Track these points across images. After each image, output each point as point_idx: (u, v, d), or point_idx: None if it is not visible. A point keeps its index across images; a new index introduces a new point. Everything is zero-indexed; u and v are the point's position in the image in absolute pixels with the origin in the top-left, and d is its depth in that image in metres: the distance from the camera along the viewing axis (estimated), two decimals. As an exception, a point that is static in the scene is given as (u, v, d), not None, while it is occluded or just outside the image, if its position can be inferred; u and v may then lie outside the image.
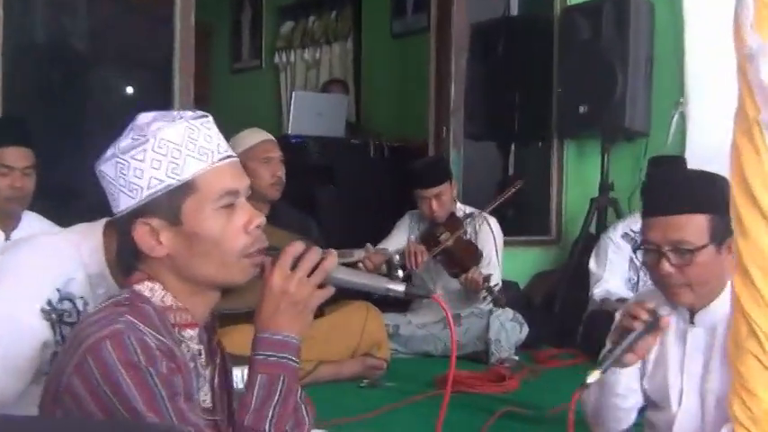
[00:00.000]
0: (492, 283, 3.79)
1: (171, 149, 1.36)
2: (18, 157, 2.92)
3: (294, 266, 1.42)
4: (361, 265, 3.54)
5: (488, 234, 4.10)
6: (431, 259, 4.05)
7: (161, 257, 1.39)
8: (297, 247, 1.44)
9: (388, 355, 3.65)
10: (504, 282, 4.38)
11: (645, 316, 1.78)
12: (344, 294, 3.53)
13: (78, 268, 1.69)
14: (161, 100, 3.92)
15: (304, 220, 3.75)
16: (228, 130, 3.64)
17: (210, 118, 1.44)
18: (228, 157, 1.42)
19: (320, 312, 3.56)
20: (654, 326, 1.79)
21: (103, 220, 1.70)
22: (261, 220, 1.42)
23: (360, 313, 3.58)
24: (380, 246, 3.99)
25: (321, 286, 1.44)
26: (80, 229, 1.77)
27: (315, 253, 1.43)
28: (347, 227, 4.91)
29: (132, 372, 1.26)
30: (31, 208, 3.13)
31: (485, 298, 3.84)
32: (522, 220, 5.49)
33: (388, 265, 3.64)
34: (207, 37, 8.12)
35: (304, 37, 7.42)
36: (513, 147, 5.70)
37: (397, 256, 3.71)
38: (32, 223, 3.02)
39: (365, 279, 1.46)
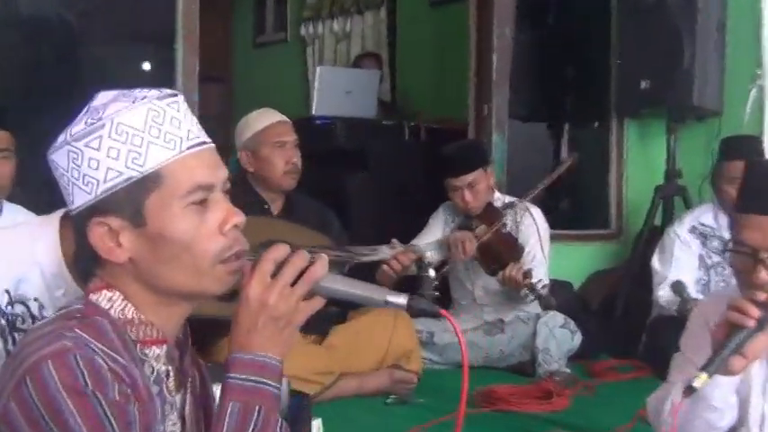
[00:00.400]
0: (535, 280, 3.70)
1: (131, 136, 1.30)
2: None
3: (276, 274, 1.33)
4: (385, 265, 3.44)
5: (531, 226, 4.04)
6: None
7: (122, 263, 1.33)
8: (279, 250, 1.35)
9: (420, 367, 3.61)
10: (555, 282, 4.34)
11: (756, 312, 1.69)
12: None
13: (31, 267, 1.62)
14: (162, 80, 3.85)
15: (323, 213, 3.71)
16: (251, 110, 3.66)
17: (180, 98, 1.36)
18: (201, 143, 1.34)
19: (342, 318, 3.52)
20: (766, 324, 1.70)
21: (60, 211, 1.61)
22: (239, 219, 1.35)
23: (387, 318, 3.53)
24: (413, 242, 3.93)
25: (309, 297, 1.36)
26: (35, 221, 1.69)
27: (301, 258, 1.35)
28: (378, 219, 4.92)
29: (76, 398, 1.20)
30: (14, 199, 3.07)
31: (526, 296, 3.76)
32: (577, 212, 5.47)
33: (419, 264, 3.54)
34: (228, 9, 8.13)
35: (333, 6, 7.41)
36: (565, 128, 5.64)
37: (429, 253, 3.61)
38: (15, 216, 2.95)
39: (360, 289, 1.37)
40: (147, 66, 4.29)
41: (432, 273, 3.55)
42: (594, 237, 5.34)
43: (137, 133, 1.30)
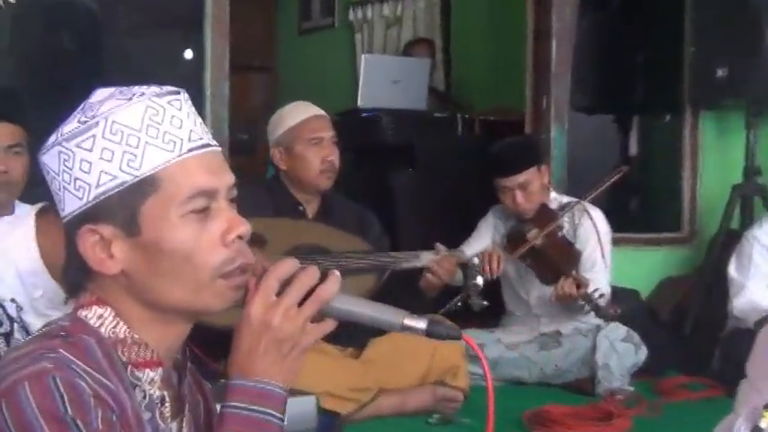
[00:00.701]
0: (591, 289, 3.64)
1: (126, 136, 1.28)
2: (1, 133, 2.85)
3: (281, 292, 1.31)
4: (428, 272, 3.40)
5: (590, 229, 4.00)
6: (520, 263, 3.99)
7: (114, 275, 1.31)
8: (286, 266, 1.32)
9: (467, 384, 3.57)
10: (620, 290, 4.30)
11: None
12: (411, 304, 3.54)
13: (6, 266, 1.59)
14: (190, 70, 3.85)
15: (363, 215, 3.69)
16: (297, 101, 3.65)
17: (183, 95, 1.34)
18: (204, 146, 1.32)
19: (381, 332, 3.47)
20: None
21: (37, 206, 1.59)
22: (244, 229, 1.32)
23: None
24: (461, 248, 3.90)
25: (319, 319, 1.33)
26: (9, 218, 1.67)
27: (309, 275, 1.31)
28: (425, 223, 4.92)
29: (54, 424, 1.17)
30: (29, 199, 3.07)
31: (582, 307, 3.73)
32: (646, 213, 5.45)
33: (465, 271, 3.50)
34: (271, -7, 8.17)
35: (384, -11, 7.37)
36: (634, 121, 5.62)
37: (476, 260, 3.56)
38: (27, 218, 2.95)
39: (375, 311, 1.34)
40: (174, 56, 4.29)
41: (479, 280, 3.52)
42: (664, 240, 5.32)
43: (133, 133, 1.28)
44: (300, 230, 3.43)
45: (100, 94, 1.33)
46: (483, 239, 4.15)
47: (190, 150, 1.30)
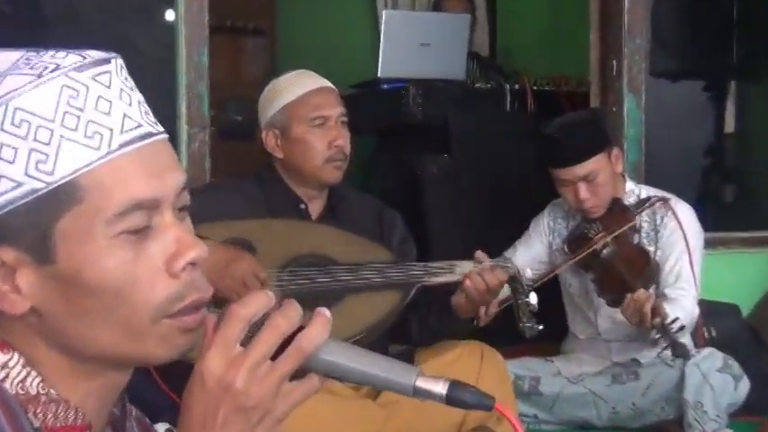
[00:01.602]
0: (670, 318, 3.58)
1: (35, 129, 1.22)
2: None
3: (248, 341, 1.23)
4: (468, 284, 3.30)
5: (675, 232, 3.97)
6: (584, 276, 4.00)
7: (21, 314, 1.26)
8: (255, 302, 1.24)
9: (519, 430, 3.42)
10: (714, 305, 4.33)
11: None
12: (446, 325, 3.49)
13: None
14: (159, 34, 3.82)
15: (383, 215, 3.64)
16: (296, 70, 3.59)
17: (116, 63, 1.26)
18: (144, 136, 1.25)
19: (406, 359, 3.40)
20: None
21: None
22: (197, 252, 1.25)
23: (470, 360, 3.45)
24: (506, 256, 3.88)
25: (300, 375, 1.26)
26: None
27: (287, 316, 1.23)
28: (463, 224, 4.96)
29: None
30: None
31: (656, 341, 3.68)
32: (746, 206, 5.44)
33: (513, 286, 3.41)
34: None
35: (409, -72, 7.47)
36: (729, 89, 5.68)
37: (529, 272, 3.49)
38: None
39: (378, 367, 1.26)
40: (141, 15, 4.28)
41: (533, 299, 3.42)
42: None
43: (43, 124, 1.21)
44: (301, 236, 3.38)
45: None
46: (535, 245, 4.15)
47: (122, 145, 1.23)
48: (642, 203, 4.02)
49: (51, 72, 1.22)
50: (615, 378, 4.01)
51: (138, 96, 1.28)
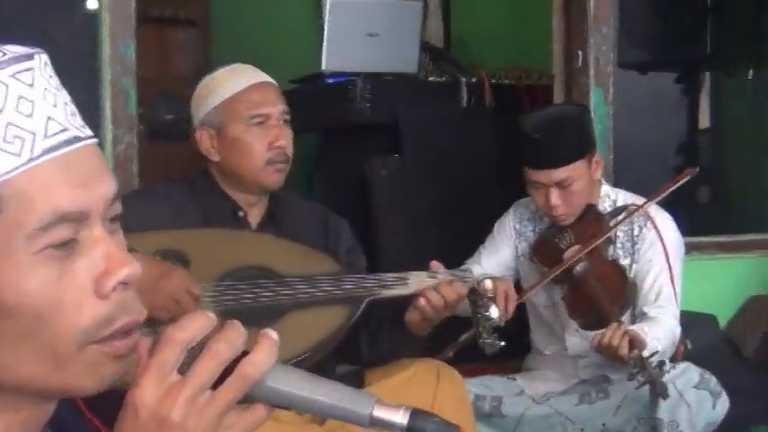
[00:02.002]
0: (648, 352, 3.58)
1: None
2: None
3: (186, 368, 1.23)
4: (422, 302, 3.31)
5: (654, 244, 3.97)
6: (552, 287, 3.98)
7: None
8: (194, 325, 1.24)
9: None
10: (690, 316, 4.27)
11: None
12: (398, 342, 3.49)
13: None
14: (81, 25, 3.78)
15: (329, 222, 3.64)
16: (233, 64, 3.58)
17: (39, 60, 1.26)
18: (71, 140, 1.25)
19: (355, 382, 3.52)
20: None
21: None
22: (130, 269, 1.25)
23: (425, 380, 3.46)
24: (467, 265, 3.87)
25: (244, 403, 1.26)
26: None
27: (229, 340, 1.23)
28: (417, 230, 4.96)
29: None
30: None
31: (633, 375, 3.64)
32: (723, 209, 5.38)
33: (472, 299, 3.41)
34: None
35: None
36: (704, 80, 5.72)
37: (488, 283, 3.46)
38: None
39: (330, 395, 1.26)
40: (58, 4, 4.23)
41: (494, 312, 3.42)
42: (749, 245, 5.34)
43: None
44: (239, 246, 3.37)
45: None
46: (502, 249, 4.14)
47: (46, 151, 1.22)
48: (618, 212, 4.02)
49: None
50: (583, 397, 4.00)
51: (64, 97, 1.27)
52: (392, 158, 5.12)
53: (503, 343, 3.45)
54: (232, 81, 3.51)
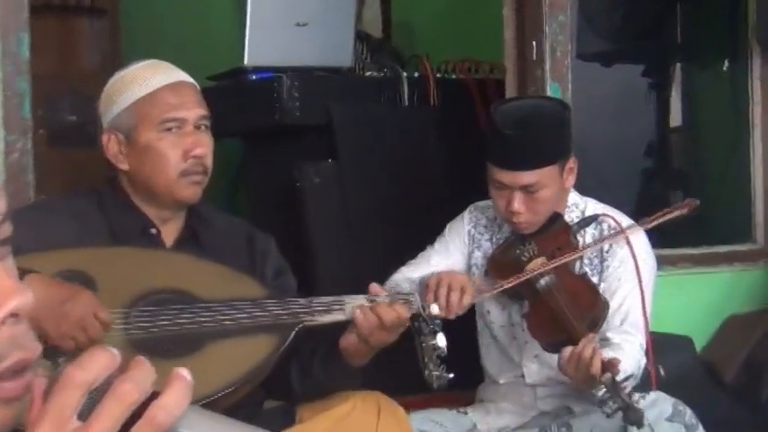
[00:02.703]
0: (621, 376, 3.55)
1: None
2: None
3: (88, 412, 1.21)
4: (359, 317, 3.33)
5: (626, 261, 3.96)
6: (511, 305, 4.00)
7: None
8: (96, 363, 1.23)
9: None
10: (663, 338, 4.33)
11: None
12: (334, 374, 3.49)
13: None
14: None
15: (253, 239, 3.63)
16: (148, 59, 3.57)
17: None
18: None
19: (287, 419, 3.54)
20: None
21: None
22: (20, 301, 1.24)
23: (364, 415, 3.47)
24: (413, 265, 3.95)
25: None
26: None
27: (136, 381, 1.22)
28: (356, 245, 4.99)
29: None
30: None
31: (604, 401, 3.59)
32: (698, 217, 5.34)
33: (418, 327, 3.43)
34: None
35: None
36: (674, 73, 5.76)
37: (435, 308, 3.49)
38: None
39: None
40: None
41: (441, 340, 3.43)
42: (727, 257, 5.38)
43: None
44: (152, 267, 3.35)
45: None
46: (454, 254, 4.14)
47: None
48: (587, 222, 4.02)
49: None
50: (543, 431, 4.01)
51: None
52: (326, 164, 5.14)
53: (451, 375, 3.45)
54: (145, 80, 3.48)
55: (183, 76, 3.55)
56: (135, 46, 7.47)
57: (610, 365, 3.53)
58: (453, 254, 4.11)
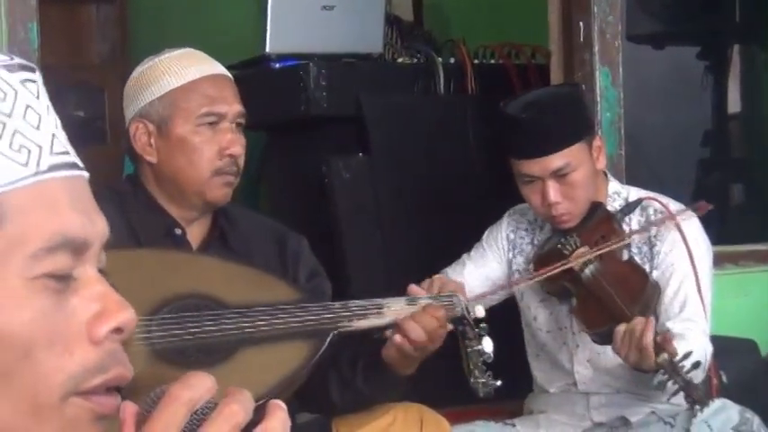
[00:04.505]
0: (680, 353, 3.57)
1: None
2: None
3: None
4: (398, 339, 3.33)
5: (677, 246, 3.97)
6: (557, 307, 4.01)
7: None
8: (200, 385, 1.29)
9: None
10: (724, 341, 4.32)
11: None
12: (377, 385, 3.50)
13: None
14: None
15: (284, 240, 3.63)
16: (160, 49, 3.61)
17: (38, 75, 1.34)
18: (71, 165, 1.32)
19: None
20: None
21: None
22: (126, 316, 1.30)
23: (406, 428, 3.51)
24: (448, 273, 3.96)
25: None
26: None
27: (243, 404, 1.27)
28: (392, 244, 4.98)
29: None
30: None
31: (663, 383, 3.63)
32: (757, 211, 5.51)
33: (463, 331, 3.44)
34: None
35: None
36: (731, 54, 5.72)
37: (480, 309, 3.49)
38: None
39: None
40: None
41: (487, 345, 3.45)
42: None
43: None
44: (177, 271, 3.34)
45: None
46: (490, 263, 4.15)
47: (52, 168, 1.28)
48: (631, 208, 4.03)
49: None
50: (592, 443, 4.02)
51: (59, 122, 1.33)
52: (356, 158, 5.14)
53: (498, 383, 3.47)
54: (183, 69, 3.47)
55: (222, 68, 3.56)
56: (144, 34, 7.49)
57: (665, 344, 3.55)
58: (489, 261, 4.14)
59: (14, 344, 1.24)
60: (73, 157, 1.31)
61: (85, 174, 1.33)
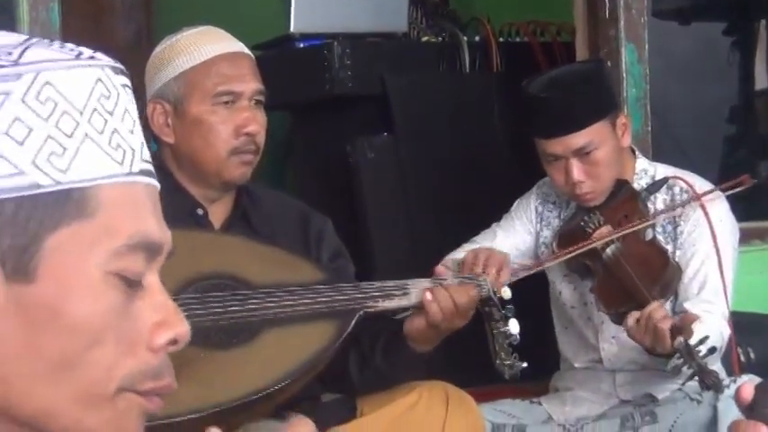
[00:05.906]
0: (695, 338, 3.55)
1: (60, 113, 1.28)
2: None
3: None
4: (430, 300, 3.33)
5: (700, 226, 3.96)
6: (582, 283, 4.01)
7: None
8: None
9: None
10: (747, 319, 4.28)
11: None
12: (397, 363, 3.50)
13: None
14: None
15: (308, 220, 3.64)
16: (182, 27, 3.61)
17: (129, 81, 1.38)
18: (149, 173, 1.36)
19: (348, 412, 3.56)
20: None
21: None
22: (185, 329, 1.34)
23: (432, 406, 3.49)
24: (478, 241, 3.99)
25: None
26: None
27: None
28: (417, 224, 4.99)
29: None
30: None
31: (677, 367, 3.62)
32: None
33: (489, 312, 3.44)
34: None
35: None
36: (758, 29, 5.71)
37: (508, 291, 3.51)
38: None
39: None
40: None
41: (513, 327, 3.45)
42: None
43: (71, 111, 1.28)
44: (200, 251, 3.33)
45: (12, 36, 1.34)
46: (520, 233, 4.17)
47: (141, 173, 1.32)
48: (657, 187, 4.02)
49: (89, 59, 1.30)
50: (625, 422, 3.97)
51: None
52: (381, 138, 5.15)
53: (524, 364, 3.46)
54: (200, 47, 3.47)
55: (240, 46, 3.54)
56: (168, 14, 7.47)
57: (681, 328, 3.53)
58: (519, 232, 4.15)
59: (86, 332, 1.26)
60: (152, 168, 1.35)
61: (157, 184, 1.36)
